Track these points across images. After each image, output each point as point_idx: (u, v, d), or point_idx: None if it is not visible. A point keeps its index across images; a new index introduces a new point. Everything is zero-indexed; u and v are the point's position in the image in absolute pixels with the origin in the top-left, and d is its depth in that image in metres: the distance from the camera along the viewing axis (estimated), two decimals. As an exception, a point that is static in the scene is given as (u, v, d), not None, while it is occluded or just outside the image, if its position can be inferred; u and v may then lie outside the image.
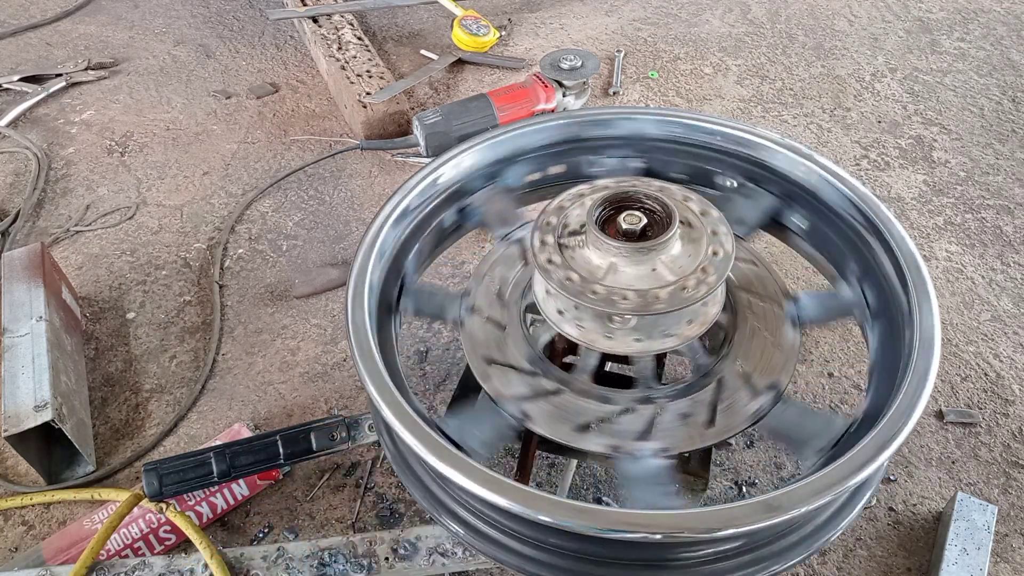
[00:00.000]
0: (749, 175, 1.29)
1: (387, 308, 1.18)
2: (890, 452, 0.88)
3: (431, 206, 1.27)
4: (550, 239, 1.06)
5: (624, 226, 1.04)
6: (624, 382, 1.16)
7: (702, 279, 1.00)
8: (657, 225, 1.05)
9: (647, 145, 1.33)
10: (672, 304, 0.98)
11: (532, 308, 1.19)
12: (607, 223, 1.07)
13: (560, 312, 1.09)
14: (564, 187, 1.17)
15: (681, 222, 1.05)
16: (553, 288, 1.02)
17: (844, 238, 1.20)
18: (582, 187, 1.15)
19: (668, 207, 1.04)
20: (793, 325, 1.15)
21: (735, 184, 1.31)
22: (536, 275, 1.11)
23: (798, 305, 1.18)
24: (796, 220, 1.28)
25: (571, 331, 1.08)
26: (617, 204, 1.08)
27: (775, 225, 1.31)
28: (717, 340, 1.20)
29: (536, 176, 1.37)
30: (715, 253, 1.02)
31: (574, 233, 1.07)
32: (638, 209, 1.06)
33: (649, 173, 1.34)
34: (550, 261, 1.04)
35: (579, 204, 1.11)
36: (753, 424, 1.04)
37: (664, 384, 1.14)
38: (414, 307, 1.23)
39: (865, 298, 1.16)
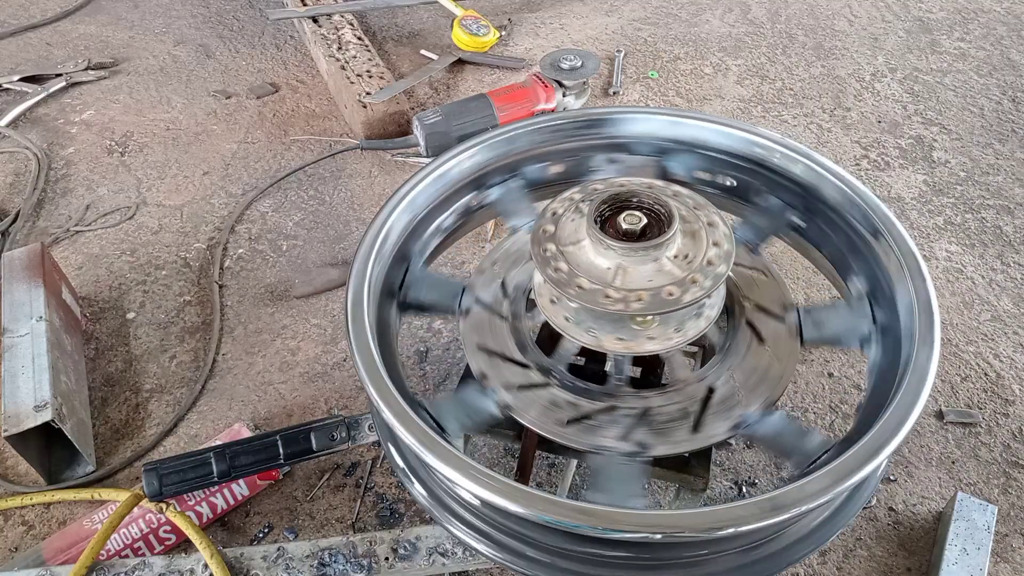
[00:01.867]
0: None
1: (390, 295, 1.19)
2: (889, 450, 0.88)
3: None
4: (552, 246, 1.07)
5: (624, 226, 1.04)
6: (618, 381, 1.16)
7: (699, 282, 0.99)
8: (657, 225, 1.05)
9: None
10: (674, 305, 0.97)
11: (534, 303, 1.19)
12: (607, 223, 1.07)
13: (552, 300, 1.10)
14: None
15: (683, 223, 1.05)
16: (548, 284, 1.02)
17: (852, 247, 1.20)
18: (584, 186, 1.15)
19: (668, 208, 1.04)
20: (792, 337, 1.14)
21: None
22: (535, 269, 1.11)
23: (801, 317, 1.17)
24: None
25: (573, 331, 1.08)
26: (619, 204, 1.07)
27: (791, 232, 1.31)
28: (713, 346, 1.20)
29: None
30: (714, 257, 1.02)
31: (575, 232, 1.07)
32: (639, 209, 1.06)
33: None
34: (555, 267, 1.04)
35: (583, 203, 1.11)
36: (735, 434, 1.04)
37: (656, 385, 1.13)
38: (417, 295, 1.24)
39: (874, 317, 1.14)
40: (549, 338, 1.21)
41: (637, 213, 1.05)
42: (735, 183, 1.33)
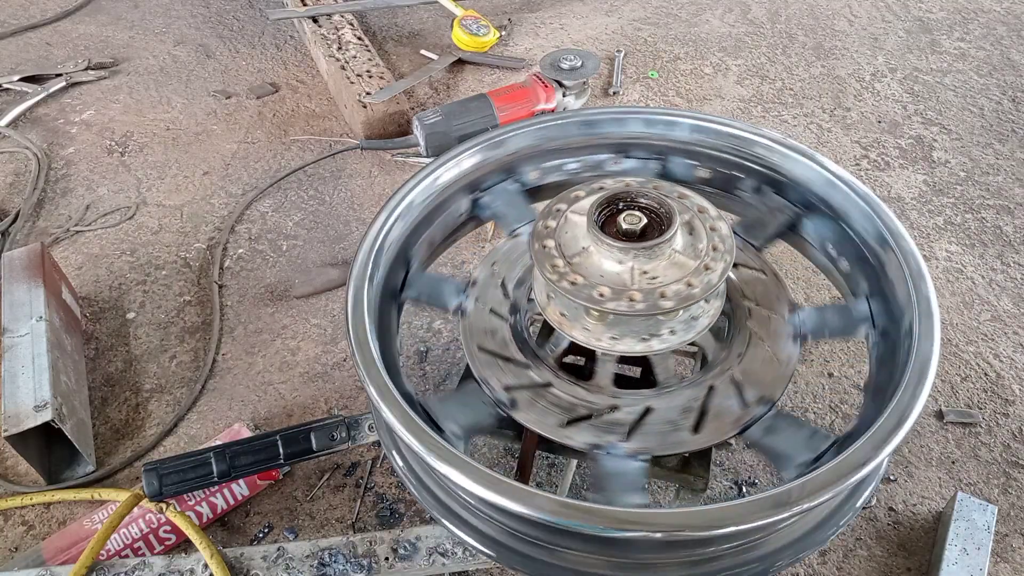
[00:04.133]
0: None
1: (391, 294, 1.19)
2: (889, 450, 0.88)
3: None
4: (551, 244, 1.07)
5: (624, 226, 1.04)
6: (615, 381, 1.16)
7: (696, 283, 0.99)
8: (657, 226, 1.05)
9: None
10: (650, 308, 0.97)
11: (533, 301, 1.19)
12: (608, 222, 1.07)
13: (549, 296, 1.10)
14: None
15: (683, 224, 1.05)
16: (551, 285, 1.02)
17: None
18: (586, 186, 1.15)
19: (669, 208, 1.04)
20: (794, 338, 1.14)
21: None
22: (534, 269, 1.12)
23: (802, 317, 1.17)
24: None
25: (574, 333, 1.08)
26: (619, 204, 1.08)
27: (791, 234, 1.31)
28: (714, 347, 1.20)
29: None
30: (707, 268, 1.02)
31: (576, 231, 1.07)
32: (639, 209, 1.06)
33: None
34: (554, 267, 1.04)
35: (585, 202, 1.11)
36: (738, 434, 1.04)
37: (657, 386, 1.13)
38: (417, 293, 1.24)
39: (872, 315, 1.14)
40: (549, 338, 1.21)
41: (637, 213, 1.05)
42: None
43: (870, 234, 1.16)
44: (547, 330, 1.22)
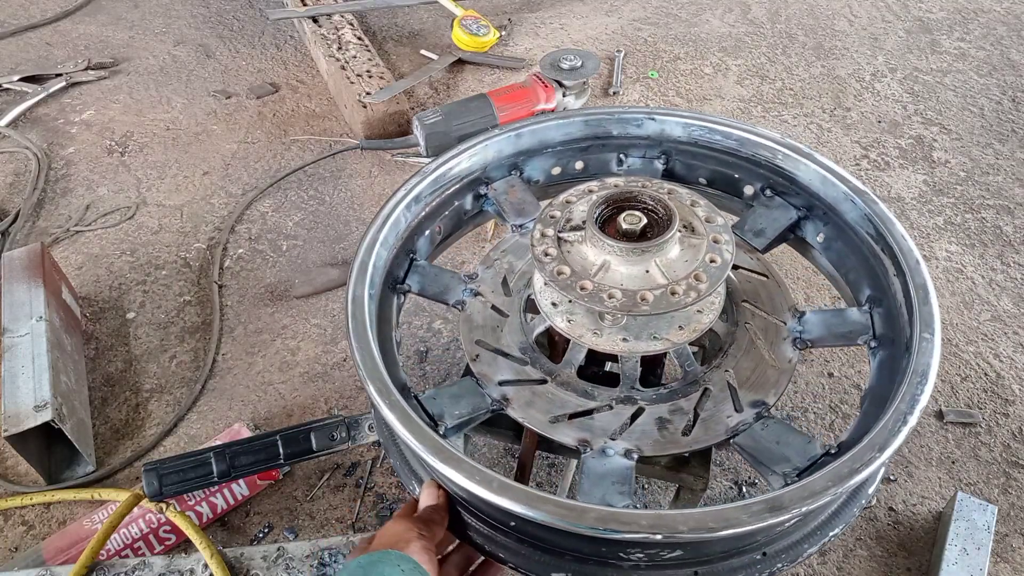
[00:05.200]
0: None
1: (392, 285, 1.20)
2: (890, 451, 0.88)
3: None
4: (550, 232, 1.07)
5: (624, 226, 1.04)
6: (611, 380, 1.16)
7: (693, 285, 0.99)
8: (657, 226, 1.05)
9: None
10: (657, 307, 0.97)
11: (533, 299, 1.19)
12: (608, 222, 1.07)
13: (554, 304, 1.10)
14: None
15: (684, 226, 1.05)
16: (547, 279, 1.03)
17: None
18: (591, 184, 1.15)
19: (669, 209, 1.04)
20: (793, 344, 1.14)
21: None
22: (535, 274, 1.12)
23: (802, 323, 1.16)
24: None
25: (561, 324, 1.09)
26: (619, 203, 1.08)
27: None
28: (712, 349, 1.20)
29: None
30: (712, 261, 1.02)
31: (575, 228, 1.07)
32: (639, 209, 1.06)
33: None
34: (546, 253, 1.04)
35: (586, 200, 1.11)
36: (728, 439, 1.03)
37: (651, 386, 1.13)
38: (419, 286, 1.24)
39: (872, 322, 1.14)
40: (548, 336, 1.21)
41: (638, 213, 1.05)
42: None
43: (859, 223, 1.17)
44: (547, 328, 1.22)
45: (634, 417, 1.06)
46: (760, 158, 1.28)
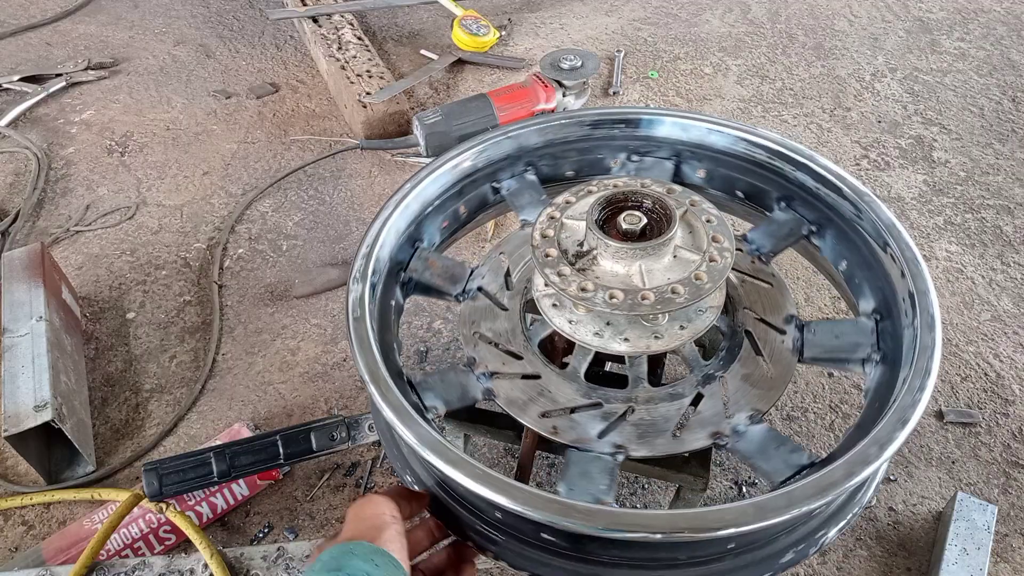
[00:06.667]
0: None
1: (395, 272, 1.21)
2: (891, 451, 0.88)
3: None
4: (551, 232, 1.07)
5: (624, 226, 1.04)
6: (608, 379, 1.16)
7: (694, 285, 0.99)
8: (657, 226, 1.05)
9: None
10: (658, 307, 0.97)
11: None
12: (608, 222, 1.07)
13: (555, 306, 1.10)
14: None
15: (684, 226, 1.05)
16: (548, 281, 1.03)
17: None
18: (591, 184, 1.15)
19: (669, 209, 1.04)
20: (793, 352, 1.14)
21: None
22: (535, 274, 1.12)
23: (804, 332, 1.15)
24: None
25: (563, 326, 1.09)
26: (619, 204, 1.08)
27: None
28: (708, 353, 1.19)
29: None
30: (712, 260, 1.02)
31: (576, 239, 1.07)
32: (639, 209, 1.06)
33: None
34: (547, 255, 1.04)
35: (585, 200, 1.12)
36: (715, 444, 1.03)
37: (645, 386, 1.13)
38: (420, 282, 1.24)
39: (877, 331, 1.13)
40: (548, 336, 1.21)
41: (638, 213, 1.05)
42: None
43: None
44: (545, 325, 1.22)
45: (624, 415, 1.06)
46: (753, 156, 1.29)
